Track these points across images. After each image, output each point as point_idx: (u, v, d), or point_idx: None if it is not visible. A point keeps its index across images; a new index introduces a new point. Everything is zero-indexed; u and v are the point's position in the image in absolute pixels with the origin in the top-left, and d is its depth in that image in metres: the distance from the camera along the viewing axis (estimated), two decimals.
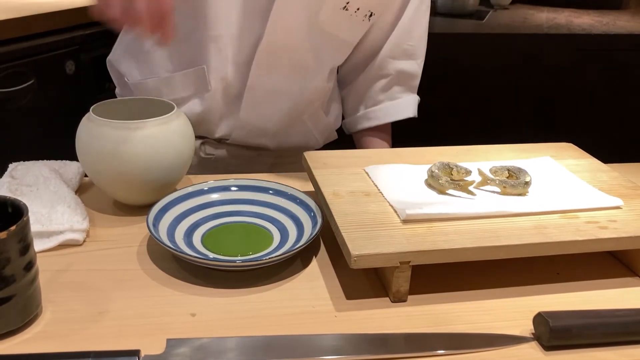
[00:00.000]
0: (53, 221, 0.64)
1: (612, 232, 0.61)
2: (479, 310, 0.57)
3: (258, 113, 0.91)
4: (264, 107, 0.91)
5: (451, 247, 0.57)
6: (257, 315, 0.55)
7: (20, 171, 0.72)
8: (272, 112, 0.92)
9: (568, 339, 0.52)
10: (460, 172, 0.69)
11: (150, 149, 0.67)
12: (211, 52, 0.85)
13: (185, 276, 0.60)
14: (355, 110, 1.04)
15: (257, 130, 0.93)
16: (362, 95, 1.03)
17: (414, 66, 1.00)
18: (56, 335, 0.51)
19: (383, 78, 1.00)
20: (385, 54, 0.98)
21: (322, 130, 1.01)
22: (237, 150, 0.96)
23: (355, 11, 0.87)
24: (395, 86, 1.01)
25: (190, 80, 0.88)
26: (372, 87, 1.01)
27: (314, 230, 0.64)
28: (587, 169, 0.76)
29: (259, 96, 0.90)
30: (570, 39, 1.89)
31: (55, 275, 0.60)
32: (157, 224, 0.64)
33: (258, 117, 0.91)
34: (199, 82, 0.88)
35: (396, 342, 0.52)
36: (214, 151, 0.96)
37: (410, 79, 1.01)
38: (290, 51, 0.87)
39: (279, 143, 0.96)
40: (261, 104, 0.90)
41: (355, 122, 1.04)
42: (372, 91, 1.02)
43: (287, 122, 0.94)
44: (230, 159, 0.97)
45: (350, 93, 1.04)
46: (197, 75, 0.87)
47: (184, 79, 0.89)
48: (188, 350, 0.50)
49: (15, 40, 1.44)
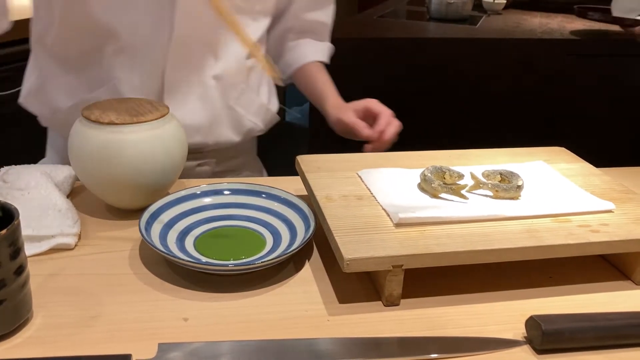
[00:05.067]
0: (44, 225, 0.64)
1: (604, 236, 0.61)
2: (471, 313, 0.58)
3: (183, 110, 0.87)
4: (188, 102, 0.88)
5: (444, 251, 0.57)
6: (249, 319, 0.55)
7: (12, 175, 0.72)
8: (197, 106, 0.89)
9: (560, 343, 0.52)
10: (453, 176, 0.70)
11: (142, 153, 0.67)
12: (121, 64, 0.84)
13: (178, 280, 0.60)
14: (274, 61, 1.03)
15: (188, 128, 0.87)
16: (277, 47, 1.04)
17: (324, 16, 1.04)
18: (47, 340, 0.51)
19: (296, 30, 1.03)
20: (296, 7, 1.01)
21: (257, 112, 0.97)
22: None
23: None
24: (309, 35, 1.04)
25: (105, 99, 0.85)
26: (286, 38, 1.04)
27: (307, 234, 0.64)
28: (580, 173, 0.77)
29: (180, 93, 0.87)
30: (563, 44, 1.90)
31: (46, 280, 0.59)
32: (149, 227, 0.64)
33: (185, 114, 0.87)
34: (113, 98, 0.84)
35: (389, 346, 0.52)
36: None
37: (322, 28, 1.05)
38: (202, 39, 0.86)
39: (216, 137, 0.93)
40: (184, 101, 0.88)
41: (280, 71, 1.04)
42: (287, 42, 1.04)
43: (215, 112, 0.91)
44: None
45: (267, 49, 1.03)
46: (111, 92, 0.85)
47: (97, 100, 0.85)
48: (180, 355, 0.49)
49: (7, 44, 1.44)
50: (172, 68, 0.85)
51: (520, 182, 0.68)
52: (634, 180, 0.83)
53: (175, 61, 0.85)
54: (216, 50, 0.88)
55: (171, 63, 0.85)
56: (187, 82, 0.87)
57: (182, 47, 0.84)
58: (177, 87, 0.87)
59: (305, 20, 1.02)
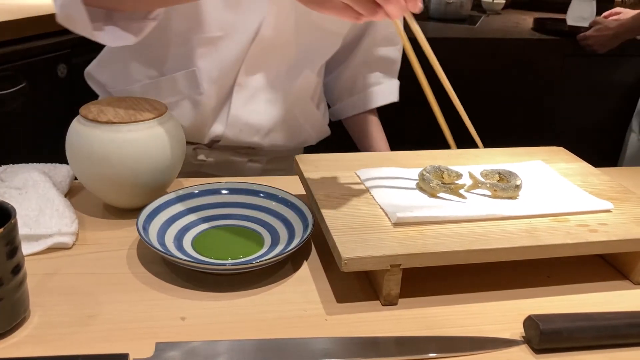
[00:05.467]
0: (41, 224, 0.63)
1: (602, 235, 0.61)
2: (469, 313, 0.57)
3: (248, 109, 0.90)
4: (254, 103, 0.90)
5: (442, 250, 0.57)
6: (247, 319, 0.55)
7: (9, 174, 0.72)
8: (263, 108, 0.91)
9: (558, 342, 0.52)
10: (452, 176, 0.69)
11: (140, 152, 0.67)
12: (203, 54, 0.85)
13: (176, 280, 0.60)
14: (340, 98, 1.06)
15: (249, 127, 0.92)
16: (346, 83, 1.05)
17: (395, 52, 1.04)
18: (44, 340, 0.51)
19: (366, 65, 1.03)
20: (367, 42, 1.01)
21: (314, 125, 1.00)
22: (228, 155, 0.96)
23: None
24: (378, 72, 1.05)
25: (180, 84, 0.88)
26: (356, 74, 1.04)
27: (305, 233, 0.64)
28: (578, 173, 0.77)
29: (249, 92, 0.89)
30: (561, 43, 1.90)
31: (43, 279, 0.59)
32: (147, 227, 0.64)
33: (249, 113, 0.90)
34: (189, 85, 0.87)
35: (387, 346, 0.52)
36: (205, 157, 0.95)
37: (391, 64, 1.05)
38: (281, 47, 0.87)
39: (272, 141, 0.95)
40: (251, 100, 0.90)
41: (343, 110, 1.06)
42: (356, 78, 1.05)
43: (278, 117, 0.93)
44: (222, 165, 0.96)
45: (334, 81, 1.06)
46: (188, 79, 0.87)
47: (172, 83, 0.88)
48: (178, 354, 0.49)
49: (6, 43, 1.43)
50: (248, 67, 0.87)
51: (519, 182, 0.68)
52: (632, 180, 0.83)
53: (252, 61, 0.86)
54: (293, 59, 0.90)
55: (248, 63, 0.86)
56: (258, 83, 0.89)
57: (261, 49, 0.86)
58: (247, 86, 0.89)
59: (377, 55, 1.03)
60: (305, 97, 0.96)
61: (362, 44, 1.01)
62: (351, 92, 1.06)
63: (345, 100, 1.06)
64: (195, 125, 0.90)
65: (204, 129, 0.91)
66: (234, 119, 0.90)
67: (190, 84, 0.87)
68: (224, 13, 0.83)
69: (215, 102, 0.89)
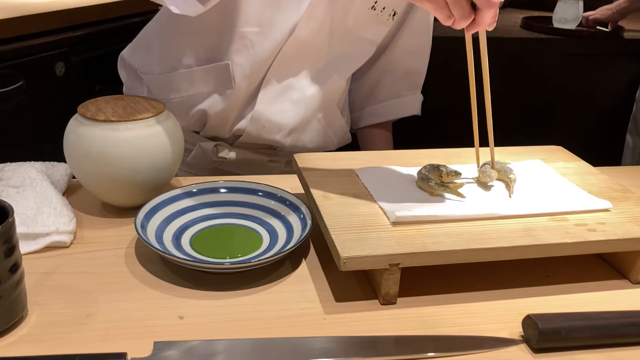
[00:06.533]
0: (39, 223, 0.63)
1: (600, 235, 0.61)
2: (468, 312, 0.57)
3: (273, 107, 0.90)
4: (280, 101, 0.90)
5: (440, 250, 0.57)
6: (246, 318, 0.55)
7: (7, 172, 0.72)
8: (288, 107, 0.91)
9: (557, 342, 0.52)
10: (450, 175, 0.69)
11: (138, 151, 0.67)
12: (238, 48, 0.85)
13: (174, 279, 0.60)
14: (360, 106, 1.05)
15: (271, 125, 0.91)
16: (369, 91, 1.04)
17: (420, 64, 1.03)
18: (42, 339, 0.51)
19: (390, 75, 1.02)
20: (393, 52, 0.99)
21: (337, 131, 1.00)
22: (249, 153, 0.95)
23: (381, 10, 0.88)
24: (401, 83, 1.03)
25: (213, 76, 0.88)
26: (379, 84, 1.03)
27: (304, 232, 0.64)
28: (577, 172, 0.77)
29: (276, 91, 0.89)
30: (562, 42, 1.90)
31: (41, 278, 0.59)
32: (145, 225, 0.64)
33: (273, 111, 0.90)
34: (221, 78, 0.87)
35: (386, 345, 0.52)
36: (226, 155, 0.95)
37: (416, 77, 1.03)
38: (313, 50, 0.87)
39: (294, 141, 0.95)
40: (277, 99, 0.90)
41: (361, 118, 1.05)
42: (379, 88, 1.03)
43: (302, 119, 0.93)
44: (242, 164, 0.96)
45: (357, 89, 1.05)
46: (221, 71, 0.87)
47: (205, 75, 0.88)
48: (176, 353, 0.49)
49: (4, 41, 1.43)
50: (278, 66, 0.87)
51: (512, 176, 0.69)
52: (631, 179, 0.83)
53: (284, 61, 0.86)
54: (324, 63, 0.90)
55: (279, 61, 0.86)
56: (286, 82, 0.89)
57: (294, 50, 0.86)
58: (275, 84, 0.88)
59: (401, 66, 1.01)
60: (331, 102, 0.95)
61: (386, 53, 1.00)
62: (370, 101, 1.04)
63: (364, 109, 1.05)
64: (222, 118, 0.90)
65: (229, 122, 0.91)
66: (258, 115, 0.90)
67: (224, 77, 0.87)
68: (262, 9, 0.83)
69: (244, 97, 0.89)
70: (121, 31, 1.74)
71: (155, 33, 0.94)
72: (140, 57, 0.95)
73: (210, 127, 0.92)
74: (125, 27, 1.75)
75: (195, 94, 0.88)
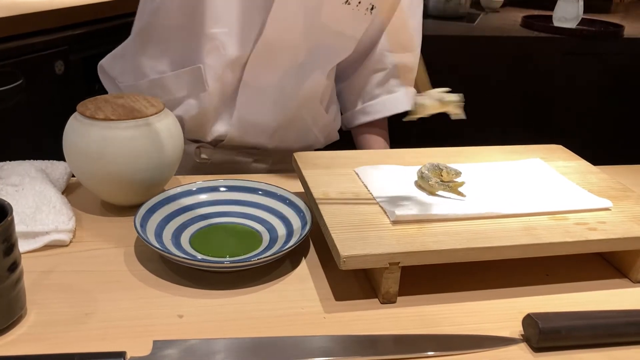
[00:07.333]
0: (38, 222, 0.63)
1: (601, 234, 0.61)
2: (468, 311, 0.57)
3: (254, 109, 0.89)
4: (260, 103, 0.89)
5: (440, 248, 0.57)
6: (245, 316, 0.55)
7: (6, 171, 0.72)
8: (268, 108, 0.90)
9: (557, 341, 0.52)
10: (450, 174, 0.69)
11: (137, 149, 0.67)
12: (208, 51, 0.85)
13: (173, 277, 0.60)
14: (353, 105, 1.04)
15: (254, 127, 0.91)
16: (359, 89, 1.03)
17: (410, 58, 1.01)
18: (41, 337, 0.51)
19: (380, 71, 1.01)
20: (381, 48, 0.98)
21: (322, 128, 0.99)
22: (233, 154, 0.95)
23: (357, 5, 0.87)
24: (392, 79, 1.01)
25: (185, 81, 0.87)
26: (369, 81, 1.01)
27: (303, 231, 0.63)
28: (577, 171, 0.76)
29: (254, 92, 0.88)
30: (560, 41, 1.90)
31: (40, 277, 0.59)
32: (144, 224, 0.64)
33: (254, 113, 0.89)
34: (195, 82, 0.87)
35: (385, 344, 0.52)
36: (209, 155, 0.94)
37: (406, 72, 1.02)
38: (288, 48, 0.86)
39: (278, 142, 0.94)
40: (256, 100, 0.89)
41: (353, 117, 1.04)
42: (370, 85, 1.02)
43: (284, 118, 0.92)
44: (225, 165, 0.95)
45: (348, 88, 1.04)
46: (193, 75, 0.86)
47: (178, 80, 0.88)
48: (175, 352, 0.49)
49: (3, 39, 1.43)
50: (253, 66, 0.86)
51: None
52: (631, 178, 0.83)
53: (258, 60, 0.85)
54: (300, 61, 0.89)
55: (252, 62, 0.85)
56: (264, 82, 0.88)
57: (266, 49, 0.85)
58: (253, 85, 0.88)
59: (391, 61, 1.00)
60: (314, 99, 0.94)
61: (375, 50, 0.99)
62: (363, 99, 1.03)
63: (356, 107, 1.04)
64: (198, 122, 0.90)
65: (207, 126, 0.91)
66: (239, 118, 0.90)
67: (196, 81, 0.86)
68: (227, 8, 0.82)
69: (220, 99, 0.88)
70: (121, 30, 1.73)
71: (129, 42, 0.94)
72: (118, 66, 0.95)
73: (189, 130, 0.91)
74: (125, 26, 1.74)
75: (170, 99, 0.88)
